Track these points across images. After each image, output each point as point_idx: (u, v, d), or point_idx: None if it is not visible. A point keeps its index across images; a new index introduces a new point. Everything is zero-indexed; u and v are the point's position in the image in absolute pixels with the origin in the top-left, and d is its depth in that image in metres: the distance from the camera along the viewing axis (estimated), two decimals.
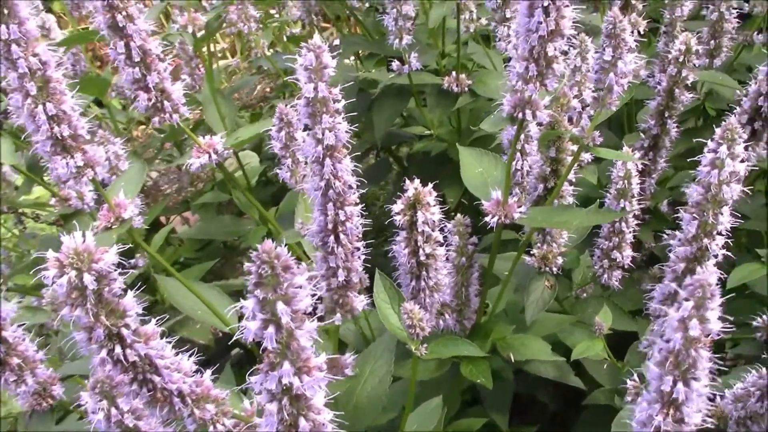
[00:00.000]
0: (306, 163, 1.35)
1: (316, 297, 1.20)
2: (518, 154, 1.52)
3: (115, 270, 0.83)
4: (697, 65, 1.65)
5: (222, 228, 2.11)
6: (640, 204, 1.50)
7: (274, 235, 2.05)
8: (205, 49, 1.91)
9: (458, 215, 1.42)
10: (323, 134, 1.01)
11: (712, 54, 1.85)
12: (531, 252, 1.53)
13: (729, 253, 1.16)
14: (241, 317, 0.73)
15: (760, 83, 1.45)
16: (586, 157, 1.67)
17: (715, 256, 1.13)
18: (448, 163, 2.13)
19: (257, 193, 2.21)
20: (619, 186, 1.46)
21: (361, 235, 1.18)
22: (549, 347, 1.50)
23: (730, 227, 1.80)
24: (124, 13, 1.21)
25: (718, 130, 1.06)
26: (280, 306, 0.70)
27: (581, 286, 1.71)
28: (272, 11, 2.83)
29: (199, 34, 1.82)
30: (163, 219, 2.42)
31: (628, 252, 1.55)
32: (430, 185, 1.24)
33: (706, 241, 1.11)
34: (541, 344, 1.51)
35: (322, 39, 2.29)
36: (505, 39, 1.64)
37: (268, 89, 2.90)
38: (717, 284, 0.80)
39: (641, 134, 1.74)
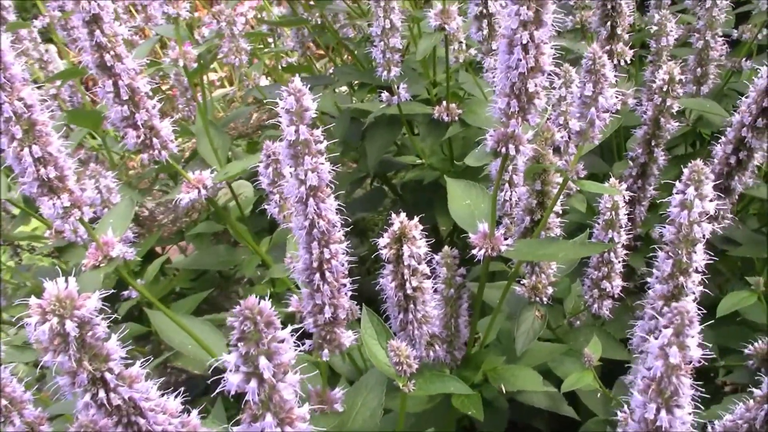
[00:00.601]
0: None
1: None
2: (506, 185, 1.53)
3: (98, 315, 0.84)
4: (684, 93, 1.67)
5: (217, 258, 2.12)
6: (629, 233, 1.51)
7: (267, 264, 2.06)
8: (198, 81, 1.93)
9: (446, 247, 1.43)
10: (306, 175, 1.03)
11: (699, 81, 1.86)
12: (521, 282, 1.54)
13: (708, 291, 1.17)
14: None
15: (742, 114, 1.46)
16: (573, 186, 1.68)
17: (693, 293, 1.14)
18: (441, 191, 2.14)
19: (253, 221, 2.22)
20: (607, 217, 1.47)
21: (347, 272, 1.18)
22: (540, 378, 1.50)
23: (725, 253, 1.81)
24: (112, 52, 1.22)
25: (685, 171, 1.07)
26: (263, 361, 0.71)
27: (574, 315, 1.71)
28: (269, 39, 2.87)
29: (194, 64, 1.83)
30: (159, 248, 2.43)
31: (618, 282, 1.55)
32: (416, 219, 1.25)
33: (681, 279, 1.12)
34: (533, 375, 1.51)
35: (316, 70, 2.31)
36: (493, 70, 1.65)
37: (264, 117, 2.92)
38: (697, 313, 0.82)
39: (630, 162, 1.75)
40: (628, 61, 1.74)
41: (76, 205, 1.16)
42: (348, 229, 1.17)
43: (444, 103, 1.95)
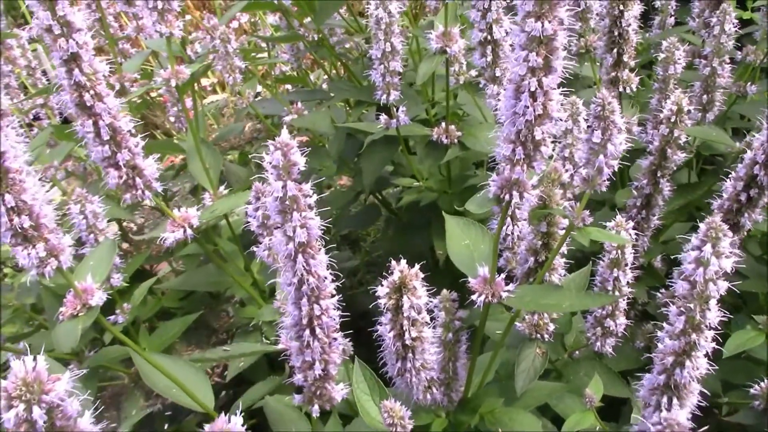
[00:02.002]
0: None
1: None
2: (508, 218, 1.47)
3: (69, 396, 0.78)
4: (689, 120, 1.61)
5: (206, 278, 2.05)
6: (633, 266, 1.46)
7: (258, 284, 2.00)
8: (190, 100, 1.87)
9: (444, 291, 1.36)
10: (294, 232, 0.96)
11: (704, 108, 1.80)
12: (522, 317, 1.48)
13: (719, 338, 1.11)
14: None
15: (755, 151, 1.40)
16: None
17: (705, 351, 1.08)
18: (438, 211, 2.08)
19: (248, 234, 2.16)
20: (613, 255, 1.42)
21: (338, 327, 1.12)
22: (539, 422, 1.44)
23: (730, 287, 1.75)
24: (92, 91, 1.15)
25: (702, 226, 1.01)
26: None
27: (574, 349, 1.66)
28: (262, 44, 2.79)
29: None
30: (147, 266, 2.36)
31: (622, 320, 1.50)
32: (417, 266, 1.19)
33: (694, 336, 1.06)
34: (531, 418, 1.45)
35: (310, 82, 2.22)
36: (495, 97, 1.59)
37: (259, 126, 2.86)
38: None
39: (634, 191, 1.69)
40: (634, 89, 1.67)
41: (52, 254, 1.09)
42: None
43: (443, 124, 1.88)
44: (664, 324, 1.15)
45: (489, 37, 1.49)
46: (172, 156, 3.25)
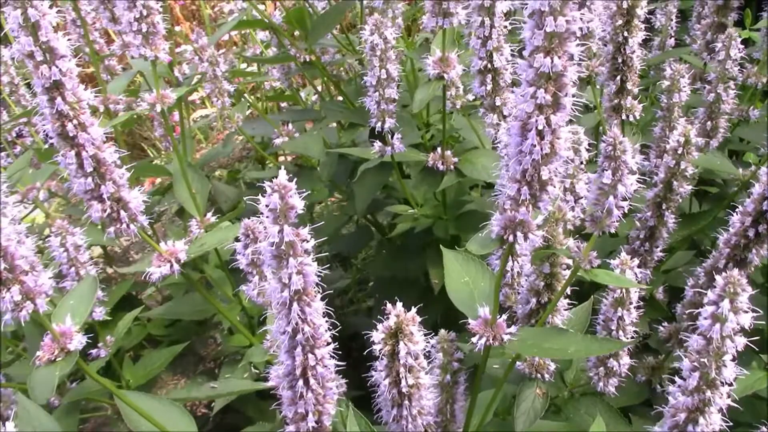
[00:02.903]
0: None
1: None
2: None
3: None
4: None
5: (193, 307, 1.98)
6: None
7: (247, 312, 1.93)
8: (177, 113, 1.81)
9: (442, 331, 1.30)
10: (290, 279, 0.90)
11: (708, 135, 1.75)
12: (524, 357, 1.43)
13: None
14: None
15: (764, 186, 1.35)
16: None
17: (720, 408, 1.02)
18: (433, 237, 2.03)
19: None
20: (617, 295, 1.36)
21: (334, 375, 1.06)
22: None
23: None
24: (75, 121, 1.09)
25: (719, 280, 0.95)
26: None
27: (575, 386, 1.60)
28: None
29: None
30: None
31: (626, 360, 1.44)
32: (414, 310, 1.13)
33: (708, 393, 1.00)
34: None
35: (301, 100, 2.16)
36: (494, 126, 1.54)
37: (249, 143, 2.79)
38: None
39: (637, 223, 1.64)
40: (638, 117, 1.62)
41: (28, 297, 1.02)
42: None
43: (439, 150, 1.82)
44: (676, 378, 1.09)
45: (489, 66, 1.44)
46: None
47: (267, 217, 0.87)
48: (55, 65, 1.05)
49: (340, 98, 2.10)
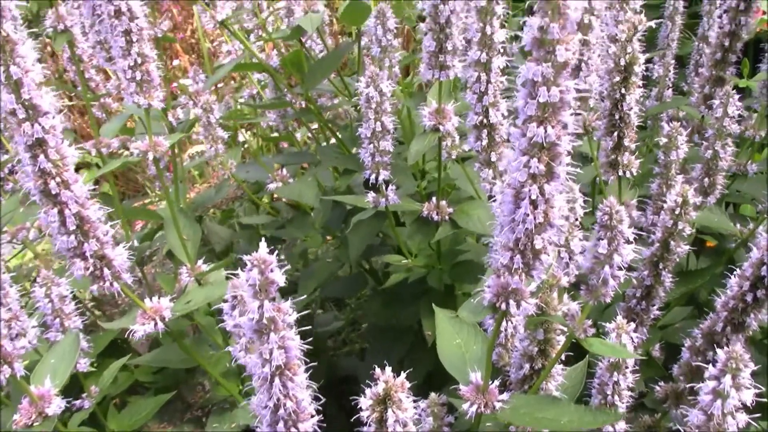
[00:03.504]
0: None
1: None
2: None
3: None
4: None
5: (181, 354, 1.94)
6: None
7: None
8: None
9: (432, 395, 1.27)
10: (271, 354, 0.87)
11: (705, 192, 1.73)
12: None
13: None
14: None
15: (762, 251, 1.33)
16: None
17: None
18: (426, 286, 2.00)
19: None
20: (613, 359, 1.33)
21: None
22: None
23: None
24: (58, 179, 1.06)
25: (720, 354, 0.92)
26: None
27: None
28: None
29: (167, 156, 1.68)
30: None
31: (622, 425, 1.40)
32: (404, 375, 1.09)
33: None
34: None
35: (296, 142, 2.14)
36: (489, 181, 1.51)
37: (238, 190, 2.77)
38: None
39: (633, 281, 1.61)
40: (635, 173, 1.60)
41: (6, 361, 0.99)
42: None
43: (434, 199, 1.80)
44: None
45: (485, 121, 1.42)
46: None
47: (247, 292, 0.85)
48: (38, 123, 1.03)
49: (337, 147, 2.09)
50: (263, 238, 2.35)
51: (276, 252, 0.88)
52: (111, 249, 1.16)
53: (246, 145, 3.37)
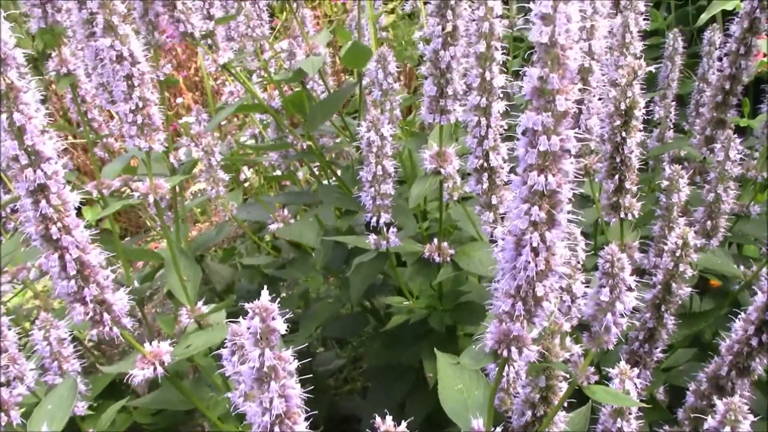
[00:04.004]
0: None
1: None
2: None
3: None
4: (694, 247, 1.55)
5: (180, 396, 1.92)
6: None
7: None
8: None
9: None
10: (271, 403, 0.86)
11: (708, 234, 1.73)
12: None
13: None
14: None
15: (766, 295, 1.32)
16: None
17: None
18: (428, 329, 1.98)
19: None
20: (617, 406, 1.31)
21: None
22: None
23: None
24: (59, 224, 1.06)
25: (719, 406, 0.91)
26: None
27: None
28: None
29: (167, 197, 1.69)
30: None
31: None
32: (404, 424, 1.08)
33: None
34: None
35: (298, 181, 2.13)
36: (490, 224, 1.51)
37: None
38: None
39: (636, 323, 1.60)
40: (636, 216, 1.60)
41: (2, 410, 0.98)
42: None
43: (435, 241, 1.80)
44: None
45: (485, 165, 1.43)
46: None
47: (248, 339, 0.84)
48: (41, 169, 1.03)
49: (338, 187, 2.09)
50: (265, 279, 2.34)
51: (277, 294, 0.87)
52: (111, 294, 1.15)
53: (248, 183, 3.39)
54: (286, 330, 0.85)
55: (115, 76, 1.50)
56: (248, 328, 0.83)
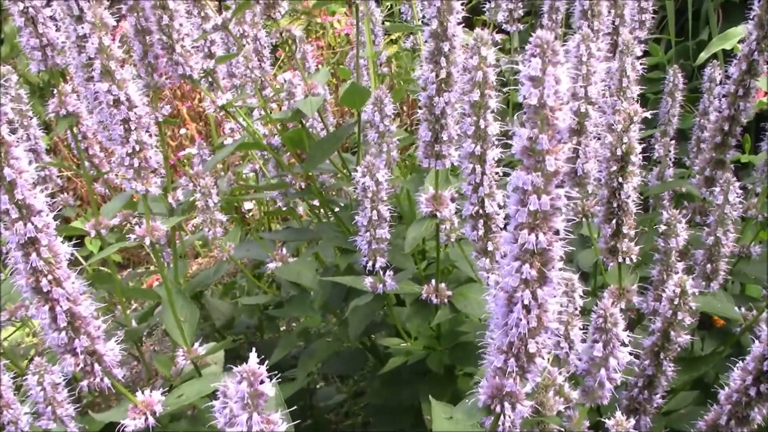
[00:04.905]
0: None
1: None
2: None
3: None
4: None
5: None
6: None
7: None
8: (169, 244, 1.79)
9: None
10: None
11: (708, 278, 1.72)
12: None
13: None
14: None
15: (764, 345, 1.31)
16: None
17: None
18: (426, 369, 1.97)
19: None
20: None
21: None
22: None
23: None
24: (50, 276, 1.06)
25: None
26: None
27: None
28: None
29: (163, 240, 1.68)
30: None
31: None
32: None
33: None
34: None
35: (297, 216, 2.12)
36: (487, 270, 1.50)
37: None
38: None
39: (635, 369, 1.59)
40: (634, 260, 1.59)
41: None
42: None
43: (433, 282, 1.79)
44: None
45: (481, 211, 1.42)
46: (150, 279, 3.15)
47: (236, 403, 0.83)
48: (31, 222, 1.03)
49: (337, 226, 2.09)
50: (265, 314, 2.32)
51: (277, 331, 0.86)
52: (102, 344, 1.15)
53: (251, 213, 3.38)
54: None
55: (113, 120, 1.50)
56: (236, 393, 0.82)
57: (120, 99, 1.47)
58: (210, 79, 2.04)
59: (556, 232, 0.92)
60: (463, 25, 1.46)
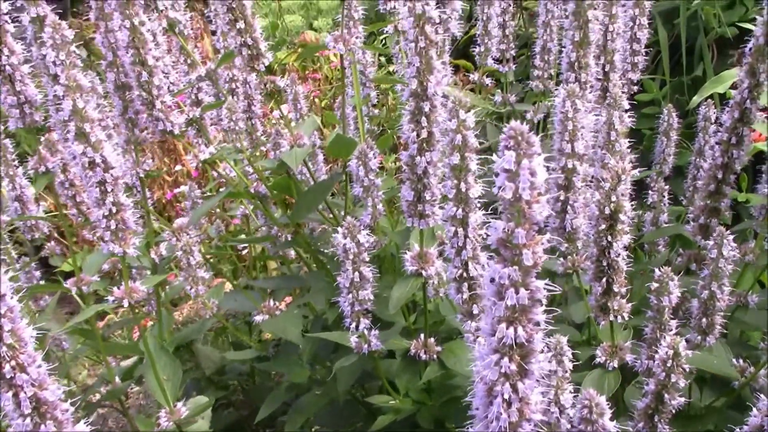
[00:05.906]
0: None
1: None
2: None
3: None
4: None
5: None
6: None
7: None
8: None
9: None
10: None
11: (704, 332, 1.67)
12: None
13: None
14: None
15: (762, 416, 1.26)
16: None
17: None
18: (417, 423, 1.92)
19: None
20: None
21: None
22: None
23: None
24: (13, 362, 1.02)
25: None
26: None
27: None
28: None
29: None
30: None
31: None
32: None
33: None
34: None
35: (290, 267, 2.08)
36: (472, 332, 1.46)
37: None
38: None
39: (630, 429, 1.54)
40: (626, 318, 1.55)
41: None
42: None
43: (422, 336, 1.75)
44: None
45: (464, 274, 1.38)
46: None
47: None
48: None
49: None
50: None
51: (271, 380, 0.81)
52: (71, 427, 1.10)
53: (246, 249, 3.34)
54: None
55: (88, 182, 1.47)
56: None
57: (96, 161, 1.44)
58: (197, 126, 2.01)
59: (537, 324, 0.88)
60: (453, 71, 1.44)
